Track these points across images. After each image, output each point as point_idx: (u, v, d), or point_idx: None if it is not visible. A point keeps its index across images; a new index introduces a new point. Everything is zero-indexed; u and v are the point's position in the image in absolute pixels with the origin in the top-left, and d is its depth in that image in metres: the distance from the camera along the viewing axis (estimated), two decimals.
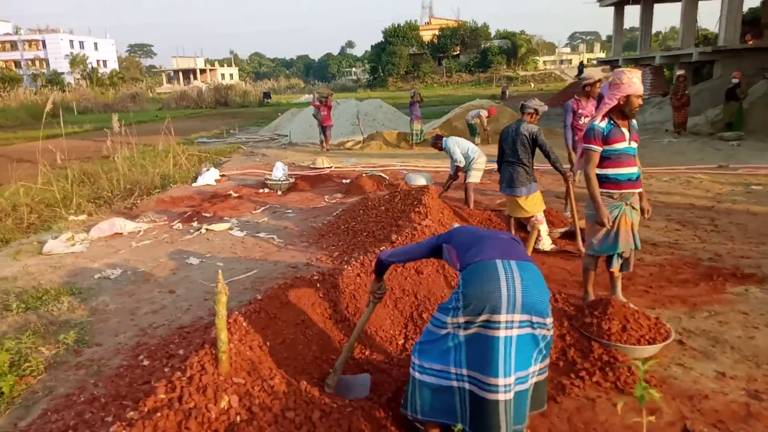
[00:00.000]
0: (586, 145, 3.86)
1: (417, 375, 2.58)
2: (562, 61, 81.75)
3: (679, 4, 23.54)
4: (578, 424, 2.88)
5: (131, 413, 2.51)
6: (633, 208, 3.95)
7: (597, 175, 3.88)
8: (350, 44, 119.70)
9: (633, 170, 3.89)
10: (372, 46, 69.18)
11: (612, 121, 3.84)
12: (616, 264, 4.04)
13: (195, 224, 7.59)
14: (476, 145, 15.25)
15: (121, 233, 7.21)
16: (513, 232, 5.81)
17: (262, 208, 8.51)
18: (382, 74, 63.40)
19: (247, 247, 6.54)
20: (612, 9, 29.54)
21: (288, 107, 35.95)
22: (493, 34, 64.86)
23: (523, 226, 5.97)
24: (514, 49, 60.82)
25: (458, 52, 63.84)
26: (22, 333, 4.11)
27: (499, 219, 6.58)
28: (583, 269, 4.25)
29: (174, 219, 7.96)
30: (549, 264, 5.17)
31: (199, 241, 6.84)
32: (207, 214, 8.13)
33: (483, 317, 2.36)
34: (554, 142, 14.19)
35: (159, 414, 2.51)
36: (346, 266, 3.88)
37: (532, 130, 5.41)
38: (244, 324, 3.19)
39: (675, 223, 6.64)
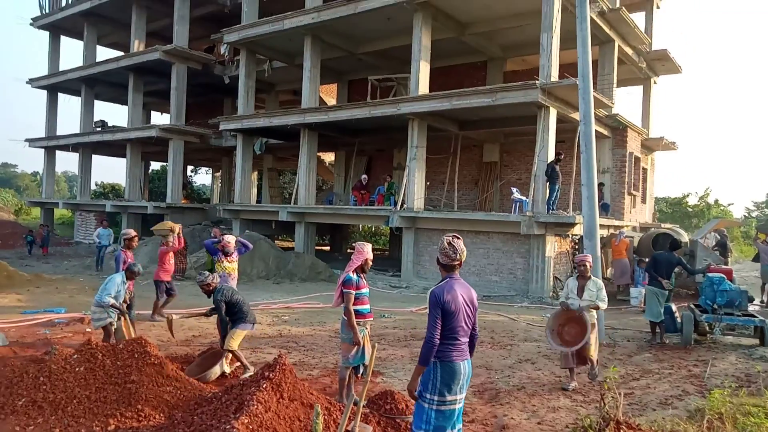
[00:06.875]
0: (347, 290, 5.74)
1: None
2: None
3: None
4: None
5: None
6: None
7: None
8: None
9: (368, 306, 6.07)
10: None
11: (358, 274, 5.94)
12: (362, 370, 5.98)
13: None
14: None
15: None
16: None
17: None
18: None
19: None
20: (43, 151, 29.44)
21: None
22: None
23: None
24: None
25: None
26: None
27: None
28: (340, 379, 5.91)
29: None
30: None
31: None
32: None
33: (449, 398, 3.93)
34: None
35: None
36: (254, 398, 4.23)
37: None
38: None
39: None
